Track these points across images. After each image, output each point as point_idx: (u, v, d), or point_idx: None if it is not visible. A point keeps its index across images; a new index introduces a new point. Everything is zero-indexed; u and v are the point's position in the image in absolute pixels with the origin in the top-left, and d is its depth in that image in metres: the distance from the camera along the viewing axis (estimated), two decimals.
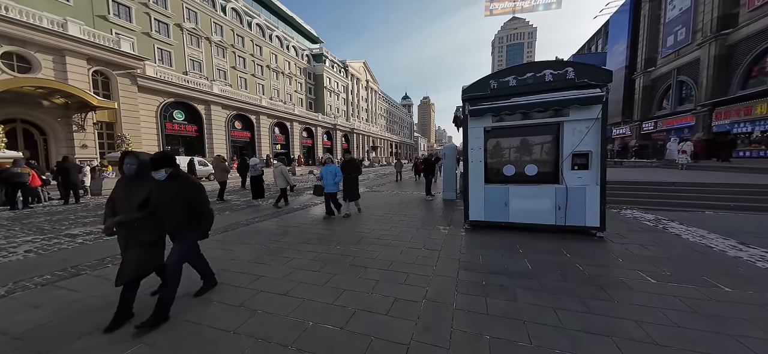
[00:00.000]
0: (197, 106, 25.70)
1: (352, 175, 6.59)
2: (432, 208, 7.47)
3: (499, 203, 5.12)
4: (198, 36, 31.26)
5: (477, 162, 5.21)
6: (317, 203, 8.25)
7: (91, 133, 17.73)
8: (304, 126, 40.90)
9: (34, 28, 15.13)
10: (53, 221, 6.21)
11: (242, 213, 6.93)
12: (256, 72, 39.39)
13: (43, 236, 5.01)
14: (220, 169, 9.16)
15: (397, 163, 16.98)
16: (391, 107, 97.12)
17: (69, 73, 16.63)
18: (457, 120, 6.61)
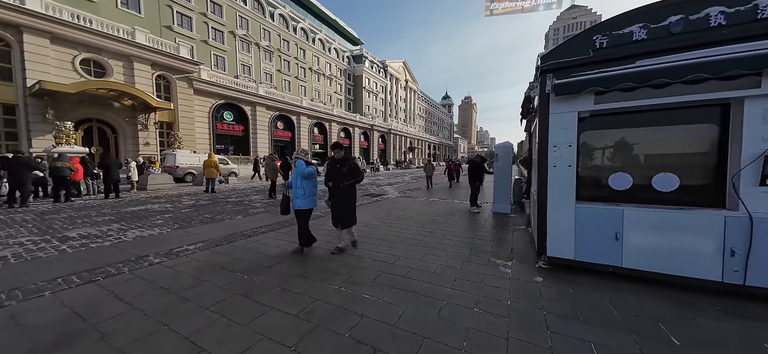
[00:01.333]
0: (244, 107, 27.09)
1: (346, 184, 4.07)
2: (480, 225, 5.82)
3: (604, 235, 3.32)
4: (248, 42, 33.25)
5: (564, 167, 3.47)
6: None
7: (153, 132, 19.47)
8: (341, 126, 41.17)
9: (109, 37, 16.99)
10: (64, 218, 6.19)
11: (260, 216, 6.18)
12: (300, 74, 40.79)
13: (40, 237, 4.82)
14: (271, 168, 9.77)
15: (428, 165, 13.76)
16: (430, 107, 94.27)
17: (136, 77, 18.42)
18: (527, 106, 4.76)
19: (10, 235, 4.68)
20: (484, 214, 6.84)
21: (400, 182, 16.78)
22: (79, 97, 15.84)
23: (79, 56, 16.26)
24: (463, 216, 6.64)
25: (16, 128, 14.35)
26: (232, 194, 10.42)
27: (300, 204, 4.01)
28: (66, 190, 7.68)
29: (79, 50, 16.21)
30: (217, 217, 6.11)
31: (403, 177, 22.08)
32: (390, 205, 7.88)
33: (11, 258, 3.70)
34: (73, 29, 15.53)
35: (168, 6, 25.58)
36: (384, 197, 9.61)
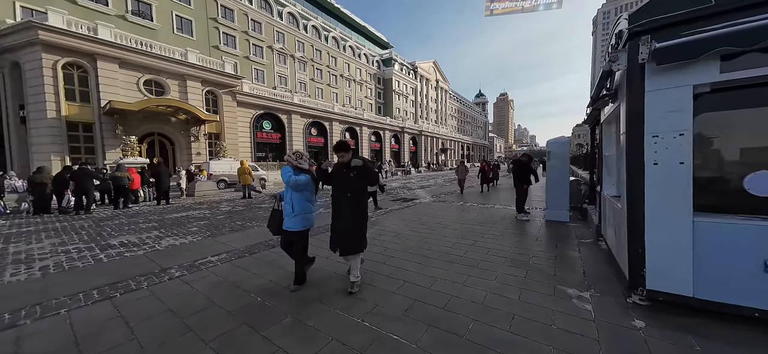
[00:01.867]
0: (281, 116, 28.47)
1: (354, 193, 3.13)
2: (533, 237, 4.85)
3: (745, 263, 2.36)
4: (284, 54, 35.10)
5: (671, 164, 2.56)
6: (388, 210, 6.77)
7: (203, 143, 21.25)
8: (372, 130, 41.33)
9: (167, 60, 18.95)
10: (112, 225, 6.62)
11: None
12: (331, 82, 41.98)
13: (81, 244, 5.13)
14: None
15: (460, 167, 11.88)
16: (462, 106, 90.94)
17: (189, 93, 20.27)
18: (601, 88, 3.70)
19: (63, 242, 5.06)
20: (534, 223, 5.84)
21: (432, 185, 16.03)
22: (143, 114, 17.83)
23: (143, 78, 18.35)
24: (508, 225, 5.71)
25: (93, 143, 16.58)
26: (267, 200, 10.65)
27: (288, 224, 3.06)
28: (124, 198, 8.47)
29: (143, 73, 18.30)
30: (248, 224, 6.08)
31: (436, 179, 21.18)
32: (422, 210, 7.25)
33: (52, 268, 3.88)
34: (138, 54, 17.57)
35: (215, 28, 28.02)
36: (416, 202, 8.99)
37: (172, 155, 20.69)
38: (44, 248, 4.54)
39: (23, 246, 4.72)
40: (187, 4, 25.81)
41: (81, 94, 16.15)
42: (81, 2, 19.56)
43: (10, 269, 3.73)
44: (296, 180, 3.00)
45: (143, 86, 18.38)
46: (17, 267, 3.81)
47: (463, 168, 12.00)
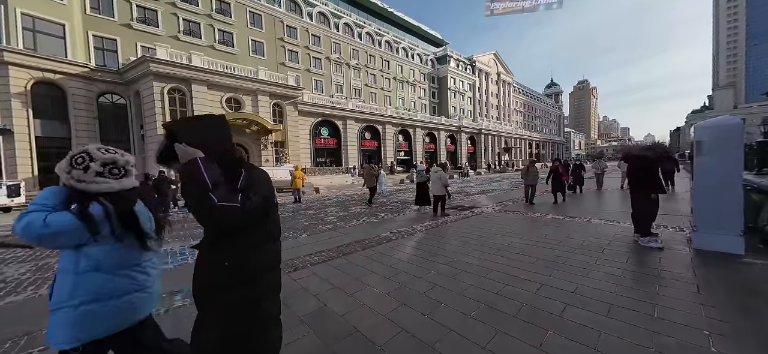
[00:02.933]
0: (337, 122, 29.74)
1: (203, 244, 1.43)
2: (686, 282, 3.04)
3: None
4: (340, 63, 36.82)
5: None
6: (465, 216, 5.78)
7: (271, 151, 23.54)
8: (426, 131, 39.92)
9: (243, 79, 21.61)
10: None
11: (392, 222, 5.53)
12: (384, 85, 42.28)
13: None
14: (370, 175, 10.37)
15: (529, 169, 8.84)
16: (530, 100, 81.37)
17: (259, 107, 22.73)
18: None
19: None
20: (675, 256, 3.77)
21: (495, 190, 13.97)
22: None
23: (225, 96, 21.29)
24: (626, 255, 3.80)
25: None
26: (314, 205, 10.70)
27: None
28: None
29: (225, 92, 21.24)
30: (285, 234, 5.85)
31: (499, 182, 18.67)
32: (485, 224, 5.87)
33: None
34: (220, 76, 20.45)
35: (282, 46, 31.10)
36: (476, 212, 7.60)
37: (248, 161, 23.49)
38: None
39: None
40: (260, 28, 29.30)
41: (181, 113, 19.56)
42: (182, 38, 23.98)
43: None
44: (59, 225, 1.24)
45: (225, 103, 21.31)
46: None
47: (533, 170, 8.76)
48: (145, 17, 22.57)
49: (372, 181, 10.36)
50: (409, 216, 7.59)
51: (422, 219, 6.92)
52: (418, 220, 6.77)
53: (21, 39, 16.30)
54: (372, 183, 10.33)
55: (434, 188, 7.60)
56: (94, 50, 19.99)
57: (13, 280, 3.86)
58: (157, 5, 23.09)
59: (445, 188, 7.47)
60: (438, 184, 7.49)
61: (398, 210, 8.69)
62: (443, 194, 7.55)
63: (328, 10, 36.17)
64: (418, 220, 6.89)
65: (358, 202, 11.18)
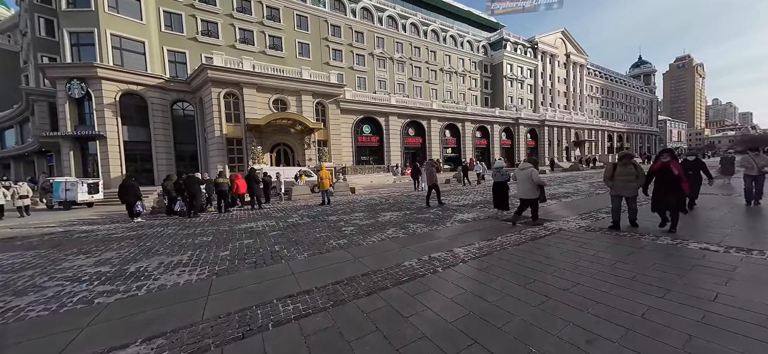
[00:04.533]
0: (379, 118, 28.69)
1: None
2: None
3: None
4: (383, 58, 35.72)
5: None
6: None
7: (313, 150, 23.69)
8: (477, 125, 36.12)
9: (288, 80, 22.07)
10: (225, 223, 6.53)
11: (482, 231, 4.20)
12: (430, 78, 39.78)
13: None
14: (430, 173, 9.61)
15: (617, 167, 5.11)
16: (610, 83, 68.69)
17: (303, 106, 22.99)
18: None
19: (147, 249, 5.14)
20: None
21: (571, 194, 10.62)
22: (272, 129, 21.35)
23: (272, 98, 22.03)
24: None
25: (242, 154, 21.10)
26: (341, 209, 9.52)
27: None
28: (225, 201, 9.38)
29: (272, 93, 21.96)
30: (285, 250, 4.67)
31: (575, 183, 14.82)
32: (579, 258, 3.70)
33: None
34: (267, 79, 21.16)
35: (326, 46, 31.41)
36: (552, 228, 5.35)
37: (292, 161, 24.10)
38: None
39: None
40: (306, 30, 30.02)
41: (234, 116, 20.86)
42: (238, 46, 25.78)
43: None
44: None
45: (272, 105, 22.06)
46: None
47: (628, 171, 4.98)
48: (208, 30, 24.85)
49: (433, 178, 9.47)
50: (452, 229, 5.75)
51: (467, 236, 5.04)
52: (463, 237, 4.93)
53: (111, 56, 19.23)
54: (433, 180, 9.46)
55: (521, 190, 5.98)
56: (168, 63, 22.70)
57: None
58: (218, 18, 25.22)
59: (538, 189, 5.85)
60: (527, 185, 5.84)
61: (437, 219, 6.88)
62: (534, 197, 5.89)
63: (372, 5, 35.33)
64: (463, 236, 5.04)
65: (391, 206, 9.67)
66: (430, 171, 9.65)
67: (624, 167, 5.06)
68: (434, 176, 9.57)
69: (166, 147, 21.64)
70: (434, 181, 9.50)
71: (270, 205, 11.05)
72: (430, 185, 9.49)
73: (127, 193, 8.57)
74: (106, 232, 7.06)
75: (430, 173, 9.60)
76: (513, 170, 7.09)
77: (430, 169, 9.75)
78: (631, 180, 4.99)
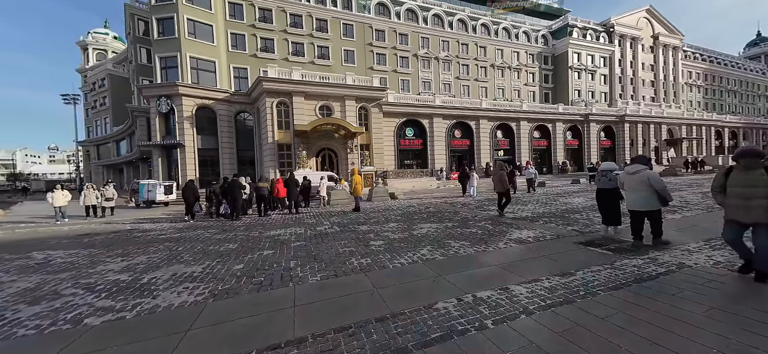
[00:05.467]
0: (422, 120, 27.62)
1: None
2: None
3: None
4: (428, 58, 34.53)
5: None
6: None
7: (356, 154, 23.87)
8: (535, 124, 32.17)
9: (333, 86, 22.72)
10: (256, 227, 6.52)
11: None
12: (479, 75, 37.08)
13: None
14: (499, 178, 8.33)
15: (746, 166, 3.03)
16: (717, 67, 55.35)
17: (347, 111, 23.38)
18: None
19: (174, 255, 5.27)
20: None
21: (679, 208, 7.62)
22: (318, 134, 22.17)
23: (318, 104, 22.91)
24: None
25: (291, 159, 22.36)
26: (375, 217, 8.86)
27: None
28: (264, 205, 9.65)
29: (318, 100, 22.85)
30: (297, 269, 4.22)
31: (679, 193, 11.16)
32: (737, 335, 2.23)
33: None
34: (313, 86, 22.08)
35: (370, 51, 31.72)
36: (669, 263, 3.72)
37: (336, 165, 24.69)
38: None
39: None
40: (351, 37, 30.77)
41: (285, 123, 22.26)
42: (291, 58, 27.65)
43: None
44: None
45: (318, 111, 22.93)
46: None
47: (754, 178, 2.96)
48: (266, 46, 27.24)
49: (502, 185, 8.19)
50: (507, 253, 4.59)
51: (530, 265, 3.88)
52: (523, 267, 3.81)
53: (189, 76, 22.35)
54: (504, 186, 8.19)
55: (632, 200, 4.50)
56: (233, 78, 25.49)
57: None
58: (274, 34, 27.48)
59: (659, 199, 4.33)
60: (640, 195, 4.37)
61: (485, 236, 5.71)
62: (656, 210, 4.45)
63: (417, 5, 34.56)
64: (524, 264, 3.90)
65: (431, 215, 8.69)
66: (500, 176, 8.28)
67: (745, 174, 3.05)
68: (505, 182, 8.17)
69: (230, 153, 24.21)
70: (505, 186, 8.13)
71: (308, 209, 11.11)
72: (501, 192, 8.21)
73: (186, 194, 9.47)
74: (158, 233, 7.78)
75: (500, 179, 8.23)
76: (603, 172, 5.51)
77: (499, 173, 8.35)
78: (757, 197, 2.90)
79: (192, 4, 22.91)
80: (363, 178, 18.57)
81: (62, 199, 8.96)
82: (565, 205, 9.55)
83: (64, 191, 9.18)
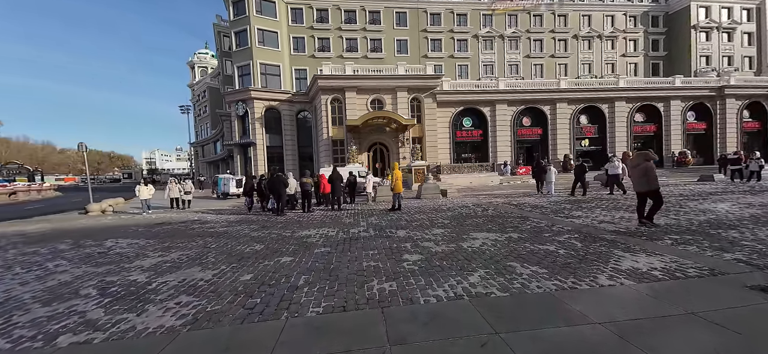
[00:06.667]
0: (482, 108, 24.75)
1: None
2: None
3: None
4: (491, 38, 30.76)
5: None
6: None
7: (407, 148, 22.90)
8: (637, 104, 25.43)
9: (383, 78, 22.16)
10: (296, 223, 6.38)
11: None
12: (557, 50, 31.29)
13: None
14: (641, 172, 5.64)
15: None
16: None
17: (398, 103, 22.55)
18: None
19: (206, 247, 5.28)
20: None
21: None
22: (369, 128, 22.03)
23: (370, 98, 22.72)
24: None
25: (344, 154, 22.84)
26: (418, 218, 7.71)
27: None
28: (308, 201, 9.59)
29: (370, 94, 22.65)
30: (325, 283, 3.48)
31: None
32: None
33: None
34: (364, 80, 21.92)
35: (424, 37, 29.97)
36: None
37: (387, 160, 24.24)
38: None
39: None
40: (404, 26, 29.60)
41: (338, 119, 22.81)
42: (345, 55, 28.21)
43: None
44: None
45: (369, 105, 22.75)
46: None
47: None
48: (322, 46, 28.43)
49: (649, 182, 5.49)
50: (614, 297, 2.94)
51: (669, 333, 2.27)
52: (657, 339, 2.27)
53: (259, 80, 24.90)
54: (651, 184, 5.47)
55: None
56: (295, 80, 27.45)
57: None
58: (329, 33, 28.44)
59: None
60: None
61: (574, 259, 3.91)
62: None
63: None
64: (656, 330, 2.35)
65: (489, 220, 7.12)
66: (644, 169, 5.52)
67: None
68: (653, 177, 5.46)
69: (292, 150, 26.25)
70: (655, 184, 5.44)
71: (352, 206, 10.74)
72: (646, 193, 5.58)
73: (245, 187, 10.25)
74: (210, 226, 8.04)
75: (644, 172, 5.50)
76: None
77: (644, 165, 5.55)
78: None
79: (261, 14, 25.36)
80: (414, 173, 17.56)
81: (146, 193, 10.69)
82: (704, 214, 6.59)
83: (148, 186, 10.93)
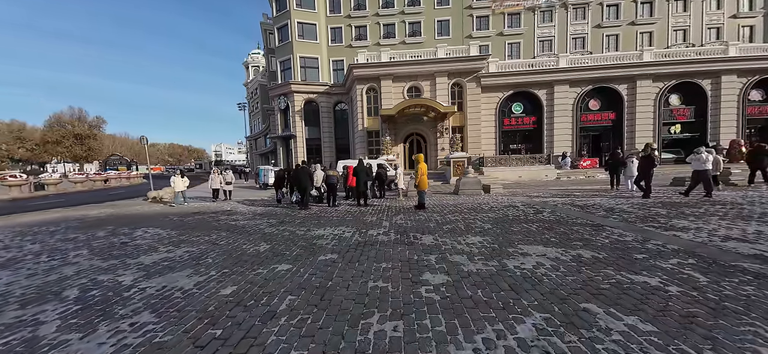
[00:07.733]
0: (536, 91, 21.59)
1: None
2: None
3: None
4: (550, 8, 26.55)
5: None
6: None
7: (446, 138, 21.22)
8: (752, 79, 19.53)
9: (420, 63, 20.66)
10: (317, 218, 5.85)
11: None
12: (638, 16, 25.72)
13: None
14: None
15: None
16: None
17: (437, 90, 20.92)
18: None
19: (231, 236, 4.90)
20: None
21: None
22: (405, 118, 20.93)
23: (407, 86, 21.51)
24: None
25: (379, 146, 22.18)
26: (450, 220, 6.45)
27: None
28: (333, 195, 9.07)
29: (406, 81, 21.43)
30: (316, 313, 2.58)
31: None
32: None
33: None
34: (401, 67, 20.72)
35: (469, 15, 27.19)
36: None
37: (425, 151, 22.88)
38: None
39: None
40: (446, 4, 27.20)
41: (374, 109, 22.14)
42: (382, 42, 27.19)
43: None
44: None
45: (406, 93, 21.56)
46: None
47: None
48: (359, 34, 27.83)
49: None
50: None
51: None
52: None
53: (299, 74, 25.47)
54: None
55: None
56: (332, 72, 27.49)
57: None
58: (366, 20, 27.63)
59: None
60: None
61: (701, 305, 2.43)
62: None
63: None
64: None
65: (545, 226, 5.63)
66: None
67: None
68: None
69: (330, 141, 26.56)
70: None
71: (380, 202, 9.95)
72: None
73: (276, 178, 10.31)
74: (233, 219, 7.74)
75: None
76: None
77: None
78: None
79: (300, 7, 25.72)
80: (452, 166, 16.06)
81: (181, 184, 11.24)
82: None
83: (183, 178, 11.47)
